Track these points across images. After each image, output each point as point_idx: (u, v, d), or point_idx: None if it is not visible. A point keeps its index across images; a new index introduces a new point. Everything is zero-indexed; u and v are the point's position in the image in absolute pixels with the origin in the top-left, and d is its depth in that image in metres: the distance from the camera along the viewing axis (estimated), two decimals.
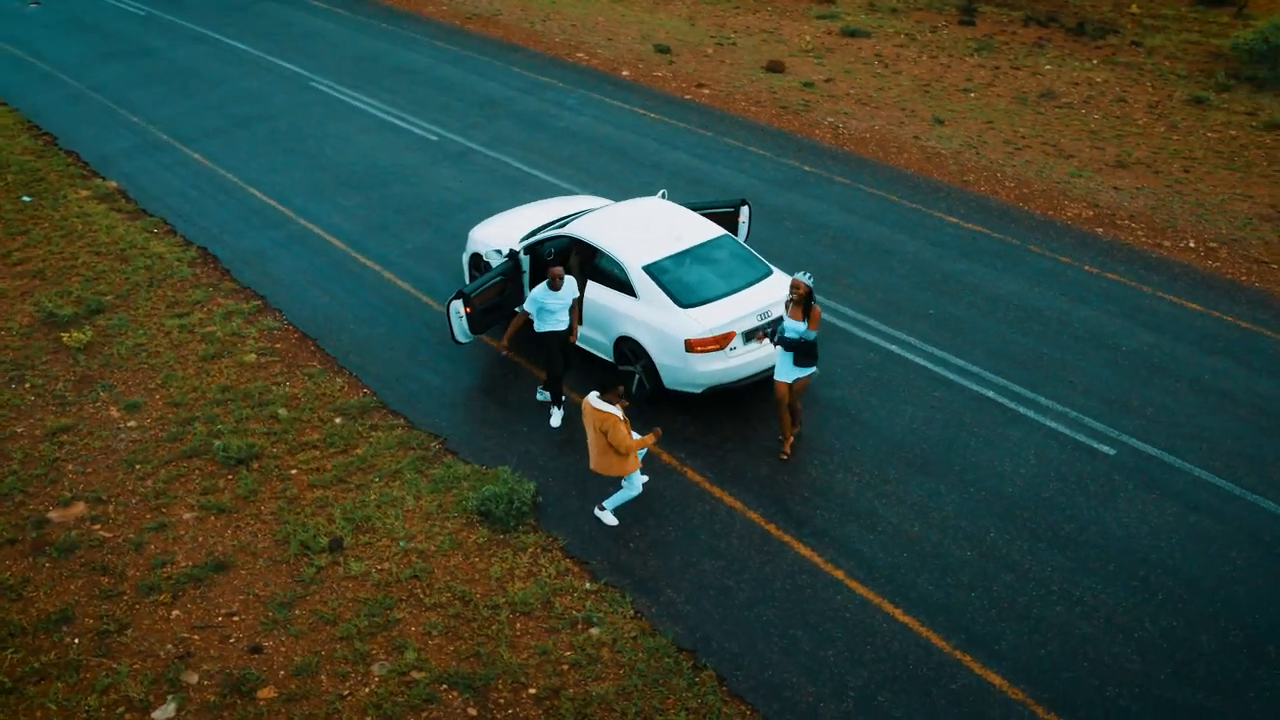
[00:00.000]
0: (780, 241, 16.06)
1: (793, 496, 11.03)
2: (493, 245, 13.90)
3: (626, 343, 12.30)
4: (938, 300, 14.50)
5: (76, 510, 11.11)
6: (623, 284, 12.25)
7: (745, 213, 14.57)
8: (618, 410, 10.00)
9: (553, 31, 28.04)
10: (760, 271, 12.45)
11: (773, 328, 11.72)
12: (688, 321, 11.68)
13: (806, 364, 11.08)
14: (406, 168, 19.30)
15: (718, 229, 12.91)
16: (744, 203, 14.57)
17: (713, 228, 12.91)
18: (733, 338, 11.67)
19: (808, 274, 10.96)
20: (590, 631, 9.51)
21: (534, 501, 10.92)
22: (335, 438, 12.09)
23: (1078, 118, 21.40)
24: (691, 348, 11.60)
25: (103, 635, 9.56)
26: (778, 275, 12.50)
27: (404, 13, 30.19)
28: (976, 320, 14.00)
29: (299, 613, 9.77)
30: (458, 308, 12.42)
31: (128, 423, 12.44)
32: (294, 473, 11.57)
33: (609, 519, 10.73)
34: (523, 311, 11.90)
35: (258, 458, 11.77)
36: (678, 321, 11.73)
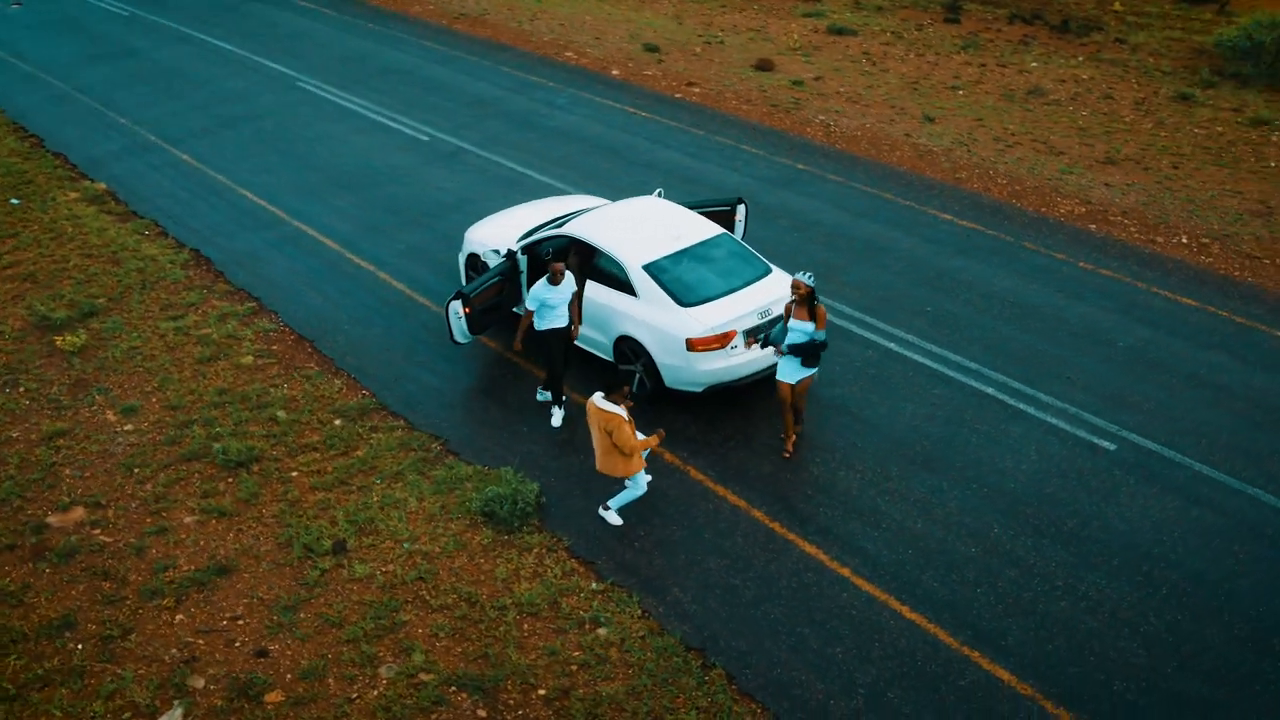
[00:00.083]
0: (775, 240, 16.07)
1: (796, 494, 11.04)
2: (489, 245, 13.85)
3: (627, 342, 12.28)
4: (934, 297, 14.54)
5: (75, 515, 11.01)
6: (622, 283, 12.23)
7: (742, 211, 14.58)
8: (623, 410, 9.97)
9: (541, 31, 27.99)
10: (760, 270, 12.46)
11: (765, 332, 11.72)
12: (688, 320, 11.67)
13: (812, 364, 11.08)
14: (398, 168, 19.21)
15: (716, 228, 12.90)
16: (740, 201, 14.57)
17: (711, 226, 12.90)
18: (734, 336, 11.67)
19: (809, 274, 10.92)
20: (598, 631, 9.49)
21: (537, 502, 10.88)
22: (335, 439, 12.02)
23: (1066, 114, 21.52)
24: (693, 346, 11.59)
25: (106, 641, 9.48)
26: (777, 273, 12.50)
27: (390, 13, 30.07)
28: (973, 317, 14.05)
29: (304, 616, 9.71)
30: (456, 308, 12.38)
31: (125, 426, 12.33)
32: (295, 475, 11.50)
33: (613, 519, 10.71)
34: (527, 311, 11.86)
35: (258, 460, 11.70)
36: (678, 321, 11.72)
